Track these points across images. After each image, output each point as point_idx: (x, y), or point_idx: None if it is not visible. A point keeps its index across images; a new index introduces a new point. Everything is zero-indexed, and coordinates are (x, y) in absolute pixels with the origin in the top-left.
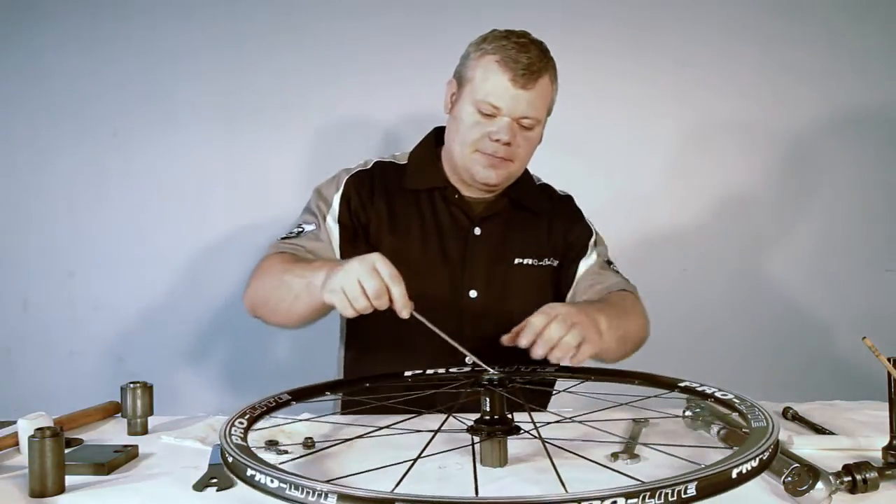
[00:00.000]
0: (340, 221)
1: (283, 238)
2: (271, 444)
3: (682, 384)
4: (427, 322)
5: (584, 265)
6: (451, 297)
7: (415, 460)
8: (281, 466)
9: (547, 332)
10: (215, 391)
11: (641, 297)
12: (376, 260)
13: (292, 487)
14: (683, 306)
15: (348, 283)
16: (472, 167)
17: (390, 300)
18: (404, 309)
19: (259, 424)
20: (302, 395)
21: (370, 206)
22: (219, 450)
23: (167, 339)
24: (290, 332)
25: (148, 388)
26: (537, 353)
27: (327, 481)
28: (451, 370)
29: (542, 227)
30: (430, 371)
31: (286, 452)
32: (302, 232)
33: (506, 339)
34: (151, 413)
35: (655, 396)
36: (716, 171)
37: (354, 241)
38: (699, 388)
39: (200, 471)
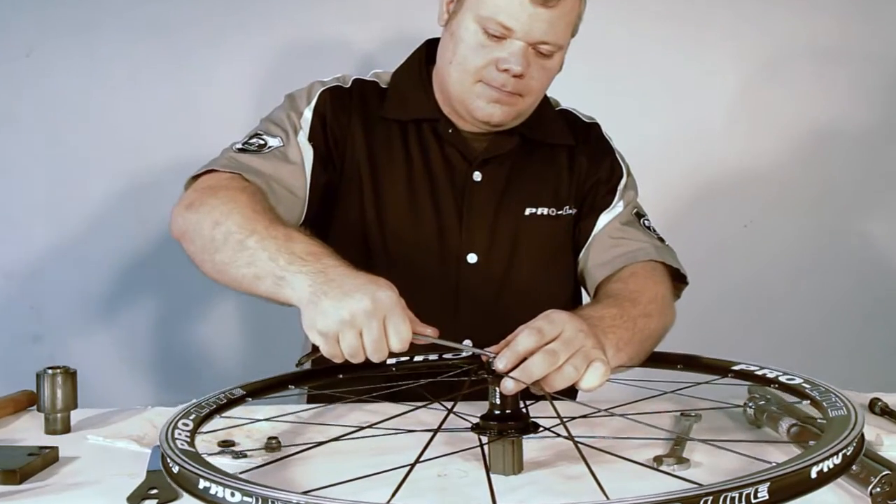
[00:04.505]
0: (313, 141)
1: (239, 148)
2: (226, 446)
3: (736, 367)
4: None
5: (605, 218)
6: (443, 262)
7: (413, 465)
8: (242, 476)
9: (529, 364)
10: (153, 378)
11: (682, 260)
12: (391, 313)
13: (260, 501)
14: (745, 269)
15: (346, 334)
16: (471, 101)
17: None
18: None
19: (208, 427)
20: (260, 390)
21: (348, 132)
22: (159, 453)
23: (94, 314)
24: (244, 306)
25: (70, 375)
26: (507, 386)
27: (305, 493)
28: (444, 356)
29: (562, 165)
30: (419, 358)
31: (245, 456)
32: (265, 146)
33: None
34: (75, 406)
35: (706, 383)
36: (788, 104)
37: (327, 168)
38: (758, 372)
39: (137, 479)
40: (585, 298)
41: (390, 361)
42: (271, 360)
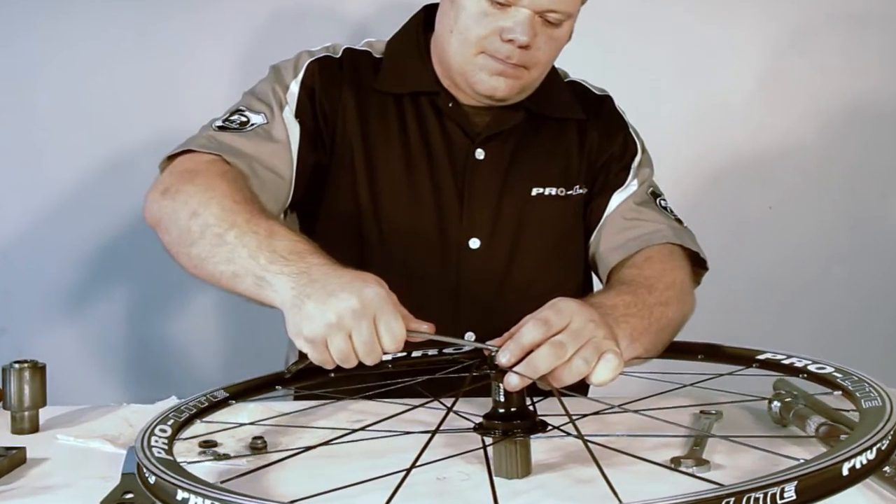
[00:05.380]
0: (300, 117)
1: (220, 126)
2: (207, 447)
3: (761, 357)
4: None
5: (619, 198)
6: (442, 248)
7: (408, 470)
8: (224, 485)
9: (535, 357)
10: (128, 373)
11: (701, 245)
12: (381, 311)
13: None
14: (769, 255)
15: (334, 338)
16: (473, 74)
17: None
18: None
19: (188, 433)
20: (244, 392)
21: (339, 106)
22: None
23: (65, 304)
24: (227, 296)
25: (39, 370)
26: (511, 382)
27: (291, 503)
28: (444, 351)
29: (572, 141)
30: (416, 353)
31: (227, 457)
32: (247, 124)
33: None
34: (44, 404)
35: (729, 374)
36: (815, 76)
37: (317, 147)
38: (785, 361)
39: (111, 482)
40: (597, 285)
41: (385, 359)
42: (255, 353)
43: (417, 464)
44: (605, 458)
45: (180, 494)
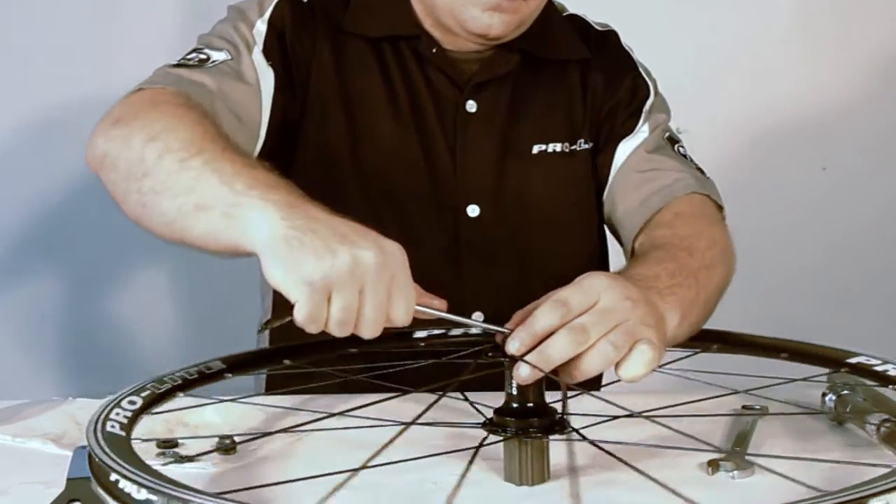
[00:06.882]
0: (271, 61)
1: (175, 65)
2: (167, 447)
3: (852, 360)
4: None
5: (627, 148)
6: (438, 217)
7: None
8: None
9: (549, 344)
10: (72, 362)
11: (742, 215)
12: (399, 273)
13: None
14: (822, 224)
15: (345, 289)
16: (463, 10)
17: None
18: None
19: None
20: (245, 364)
21: (313, 56)
22: (84, 454)
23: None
24: (183, 272)
25: None
26: (521, 374)
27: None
28: (447, 330)
29: (574, 86)
30: (420, 333)
31: (190, 460)
32: (208, 61)
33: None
34: None
35: (804, 380)
36: (875, 23)
37: (285, 95)
38: (878, 368)
39: (54, 488)
40: (612, 253)
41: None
42: (221, 336)
43: (408, 460)
44: (632, 461)
45: (114, 477)
